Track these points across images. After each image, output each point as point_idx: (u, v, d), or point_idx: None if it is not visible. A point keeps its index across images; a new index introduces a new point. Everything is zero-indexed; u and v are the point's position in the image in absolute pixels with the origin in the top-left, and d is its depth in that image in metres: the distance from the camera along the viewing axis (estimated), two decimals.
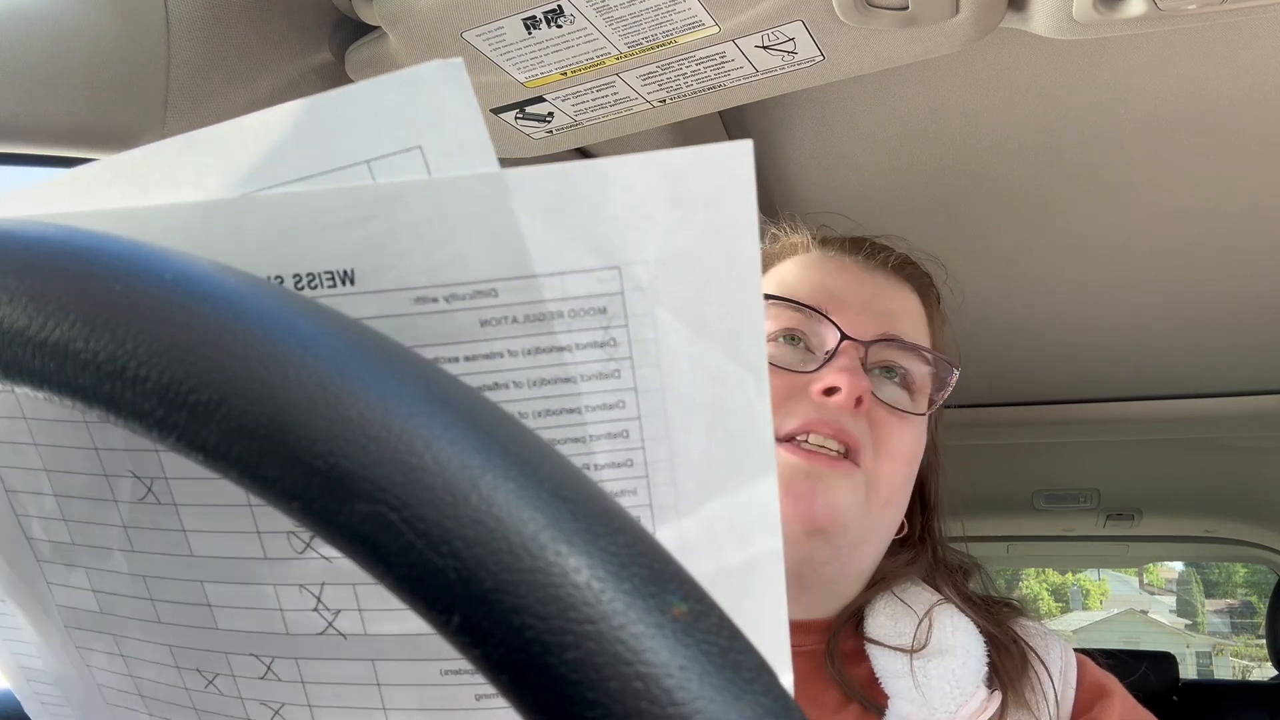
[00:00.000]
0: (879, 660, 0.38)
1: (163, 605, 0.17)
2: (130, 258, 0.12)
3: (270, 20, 0.40)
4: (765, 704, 0.10)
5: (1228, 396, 0.97)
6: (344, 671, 0.17)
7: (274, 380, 0.11)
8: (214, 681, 0.18)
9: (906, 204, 0.66)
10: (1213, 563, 8.00)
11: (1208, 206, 0.64)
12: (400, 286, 0.14)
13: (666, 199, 0.14)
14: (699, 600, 0.10)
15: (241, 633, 0.17)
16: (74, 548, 0.18)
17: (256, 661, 0.17)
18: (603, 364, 0.15)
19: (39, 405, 0.16)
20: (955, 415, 1.18)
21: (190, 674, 0.18)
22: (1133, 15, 0.37)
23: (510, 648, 0.10)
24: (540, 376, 0.15)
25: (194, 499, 0.16)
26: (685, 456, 0.15)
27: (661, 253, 0.14)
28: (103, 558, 0.17)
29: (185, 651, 0.18)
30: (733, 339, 0.14)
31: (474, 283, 0.14)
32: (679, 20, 0.40)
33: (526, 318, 0.14)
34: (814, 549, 0.38)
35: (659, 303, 0.14)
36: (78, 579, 0.18)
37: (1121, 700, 0.39)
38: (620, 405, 0.15)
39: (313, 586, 0.16)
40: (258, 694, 0.17)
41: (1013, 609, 0.42)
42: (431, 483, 0.10)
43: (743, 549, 0.15)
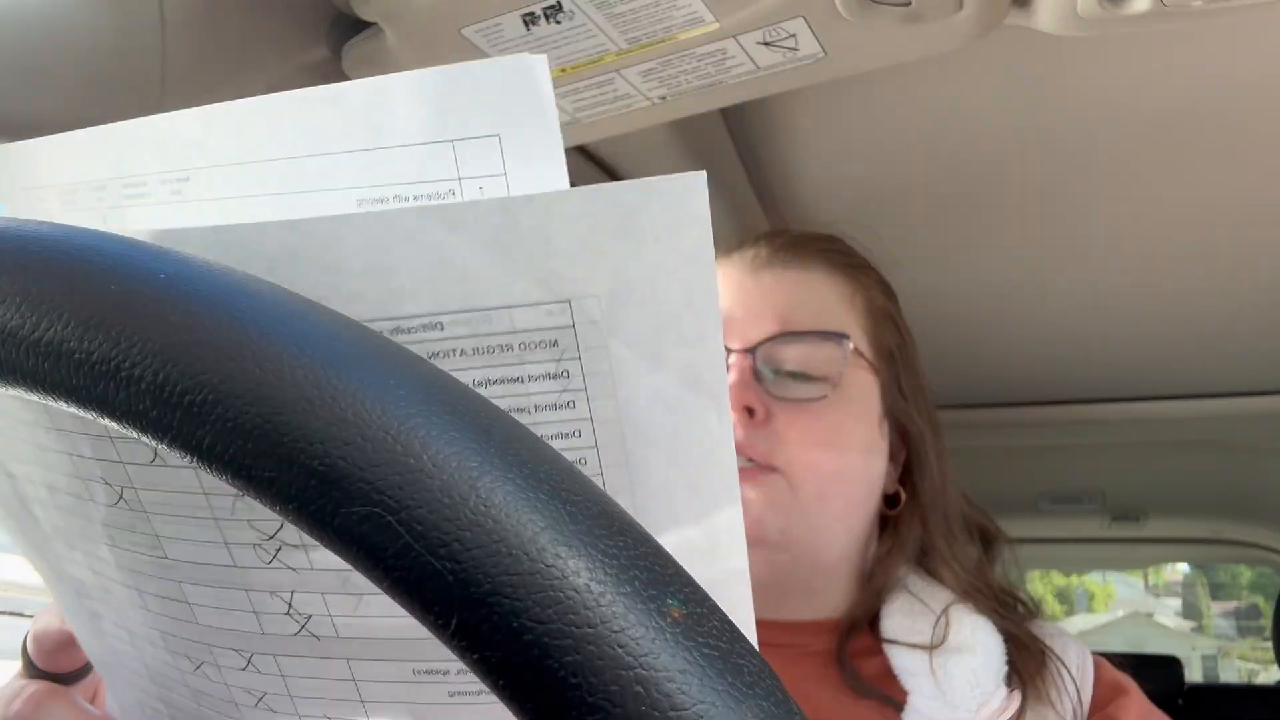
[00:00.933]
0: (896, 658, 0.38)
1: (148, 597, 0.17)
2: (125, 257, 0.12)
3: (266, 16, 0.40)
4: (766, 708, 0.10)
5: (1234, 396, 0.96)
6: (321, 668, 0.17)
7: (269, 380, 0.11)
8: (200, 668, 0.18)
9: (909, 202, 0.66)
10: (1219, 565, 7.97)
11: (1215, 205, 0.64)
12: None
13: (616, 232, 0.13)
14: (700, 603, 0.10)
15: (220, 629, 0.17)
16: (69, 532, 0.18)
17: (237, 655, 0.17)
18: (557, 395, 0.15)
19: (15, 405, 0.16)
20: (958, 416, 1.16)
21: (180, 658, 0.18)
22: (1137, 12, 0.37)
23: (509, 651, 0.10)
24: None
25: (162, 508, 0.16)
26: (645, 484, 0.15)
27: (613, 286, 0.14)
28: (93, 546, 0.18)
29: (173, 638, 0.18)
30: (691, 370, 0.14)
31: (420, 315, 0.14)
32: (679, 16, 0.40)
33: (475, 350, 0.14)
34: (770, 558, 0.38)
35: (612, 336, 0.14)
36: (78, 557, 0.18)
37: (1138, 699, 0.38)
38: (576, 434, 0.15)
39: (283, 593, 0.16)
40: (241, 683, 0.18)
41: (1029, 611, 0.41)
42: (429, 484, 0.10)
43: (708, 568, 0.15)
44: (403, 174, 0.15)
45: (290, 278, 0.14)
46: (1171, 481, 1.37)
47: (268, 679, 0.17)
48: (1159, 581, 12.10)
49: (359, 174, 0.15)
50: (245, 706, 0.18)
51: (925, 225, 0.69)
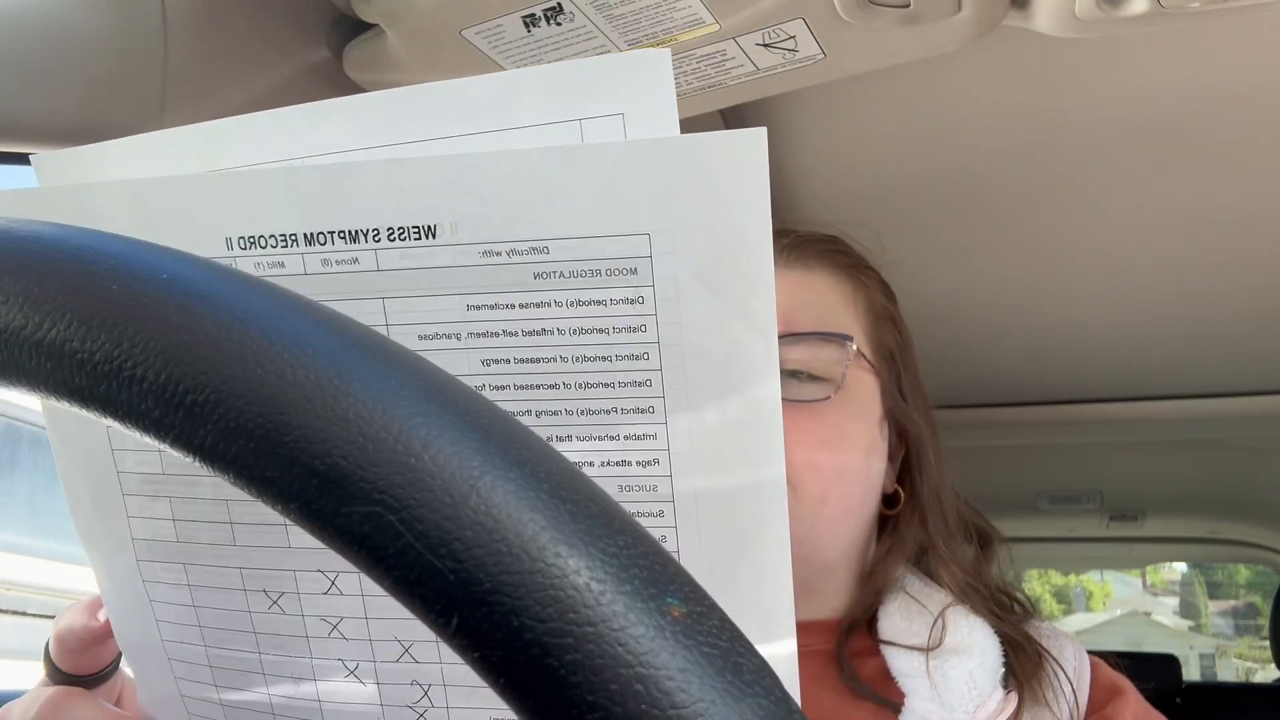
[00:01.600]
0: (894, 660, 0.38)
1: (240, 528, 0.19)
2: (127, 257, 0.12)
3: (267, 17, 0.41)
4: (766, 706, 0.10)
5: (1233, 396, 0.97)
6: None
7: (271, 380, 0.11)
8: (278, 601, 0.19)
9: (908, 202, 0.66)
10: (1216, 564, 7.98)
11: (1213, 205, 0.64)
12: (472, 240, 0.17)
13: (690, 177, 0.16)
14: (700, 602, 0.10)
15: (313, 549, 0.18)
16: (164, 478, 0.19)
17: (323, 577, 0.19)
18: (631, 318, 0.17)
19: None
20: (958, 416, 1.16)
21: (256, 596, 0.19)
22: (1136, 13, 0.37)
23: (509, 650, 0.10)
24: (580, 326, 0.17)
25: None
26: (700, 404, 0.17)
27: (685, 223, 0.16)
28: (189, 486, 0.19)
29: (255, 573, 0.19)
30: (746, 304, 0.16)
31: (531, 240, 0.16)
32: (679, 18, 0.40)
33: (572, 273, 0.17)
34: None
35: (682, 267, 0.16)
36: (160, 509, 0.19)
37: (1135, 700, 0.39)
38: (645, 356, 0.17)
39: None
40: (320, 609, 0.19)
41: (1026, 611, 0.41)
42: (430, 484, 0.10)
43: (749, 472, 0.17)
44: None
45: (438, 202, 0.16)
46: (1169, 481, 1.37)
47: (348, 601, 0.19)
48: (1157, 581, 12.11)
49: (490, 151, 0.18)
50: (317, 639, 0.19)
51: (924, 225, 0.69)
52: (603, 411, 0.17)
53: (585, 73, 0.17)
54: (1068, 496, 1.40)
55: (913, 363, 0.45)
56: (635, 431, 0.17)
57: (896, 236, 0.49)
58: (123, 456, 0.19)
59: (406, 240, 0.17)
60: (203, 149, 0.19)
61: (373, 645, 0.19)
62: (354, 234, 0.17)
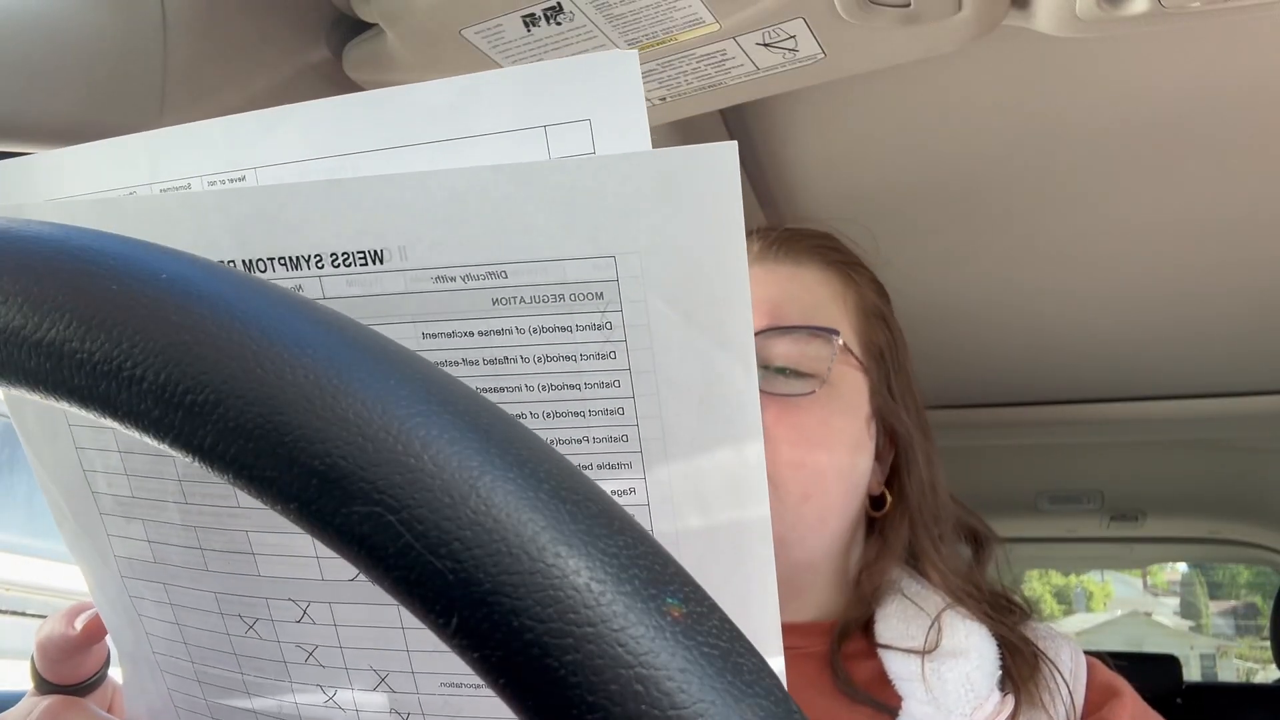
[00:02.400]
0: (891, 663, 0.38)
1: (210, 554, 0.18)
2: (126, 257, 0.12)
3: (267, 17, 0.40)
4: (766, 706, 0.10)
5: (1233, 396, 0.96)
6: (373, 615, 0.18)
7: (271, 380, 0.11)
8: (254, 626, 0.19)
9: (908, 202, 0.66)
10: (1217, 564, 7.97)
11: (1213, 205, 0.64)
12: (423, 265, 0.16)
13: (657, 195, 0.15)
14: (700, 602, 0.10)
15: (281, 579, 0.18)
16: (134, 501, 0.19)
17: (294, 606, 0.18)
18: (600, 345, 0.16)
19: None
20: (957, 416, 1.16)
21: (233, 620, 0.19)
22: (1136, 13, 0.37)
23: (509, 650, 0.10)
24: (545, 353, 0.16)
25: None
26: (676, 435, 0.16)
27: (653, 244, 0.15)
28: (159, 510, 0.18)
29: (229, 598, 0.19)
30: (721, 328, 0.15)
31: (487, 264, 0.15)
32: (679, 17, 0.40)
33: (533, 298, 0.16)
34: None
35: (651, 290, 0.15)
36: (135, 530, 0.19)
37: (1132, 701, 0.38)
38: (616, 384, 0.16)
39: None
40: (294, 637, 0.19)
41: (1023, 612, 0.41)
42: (430, 484, 0.10)
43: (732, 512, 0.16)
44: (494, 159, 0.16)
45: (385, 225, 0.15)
46: (1170, 481, 1.37)
47: (321, 630, 0.18)
48: (1157, 581, 12.10)
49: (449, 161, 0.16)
50: (294, 664, 0.19)
51: (924, 225, 0.69)
52: (574, 441, 0.16)
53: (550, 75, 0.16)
54: (1068, 496, 1.40)
55: (905, 363, 0.44)
56: (609, 461, 0.16)
57: (897, 236, 0.49)
58: (94, 478, 0.19)
59: (352, 266, 0.16)
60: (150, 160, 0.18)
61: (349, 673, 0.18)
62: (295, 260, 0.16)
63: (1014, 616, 0.41)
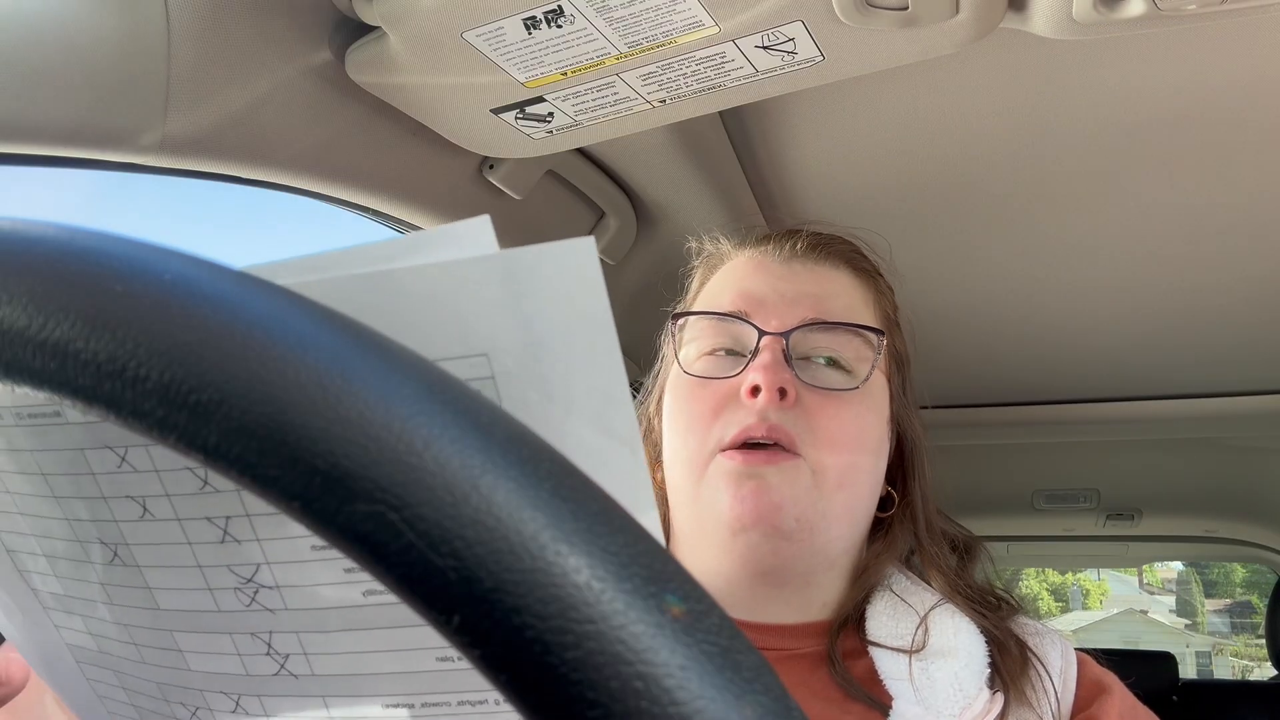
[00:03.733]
0: (881, 661, 0.38)
1: (144, 649, 0.19)
2: (131, 259, 0.12)
3: (270, 20, 0.40)
4: (765, 704, 0.10)
5: (1228, 396, 0.97)
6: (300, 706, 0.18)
7: (274, 380, 0.11)
8: (196, 714, 0.19)
9: (907, 203, 0.66)
10: (1212, 563, 7.99)
11: (1208, 206, 0.64)
12: None
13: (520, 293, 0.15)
14: (699, 600, 0.10)
15: (210, 674, 0.18)
16: (68, 598, 0.19)
17: (226, 698, 0.18)
18: None
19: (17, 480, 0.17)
20: (955, 415, 1.16)
21: (177, 705, 0.19)
22: (1132, 15, 0.37)
23: (510, 647, 0.10)
24: None
25: (153, 561, 0.17)
26: None
27: (525, 340, 0.15)
28: (91, 608, 0.19)
29: (169, 687, 0.19)
30: (603, 418, 0.15)
31: None
32: (679, 20, 0.40)
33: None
34: (776, 547, 0.38)
35: (529, 386, 0.15)
36: (76, 623, 0.19)
37: (1120, 697, 0.39)
38: None
39: (262, 634, 0.17)
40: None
41: (1011, 608, 0.42)
42: (431, 483, 0.10)
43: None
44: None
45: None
46: (1166, 480, 1.38)
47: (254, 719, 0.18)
48: (1153, 579, 12.13)
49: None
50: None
51: (922, 226, 0.69)
52: None
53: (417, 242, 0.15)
54: (1065, 495, 1.41)
55: (911, 372, 0.46)
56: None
57: (895, 237, 0.49)
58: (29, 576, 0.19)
59: None
60: None
61: None
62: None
63: (1002, 612, 0.41)
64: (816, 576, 0.41)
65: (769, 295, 0.41)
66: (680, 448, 0.40)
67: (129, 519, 0.17)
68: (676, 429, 0.41)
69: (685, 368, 0.41)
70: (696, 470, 0.39)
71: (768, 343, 0.39)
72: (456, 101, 0.46)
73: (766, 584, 0.40)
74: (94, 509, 0.17)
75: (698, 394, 0.40)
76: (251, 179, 0.46)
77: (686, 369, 0.41)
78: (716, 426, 0.39)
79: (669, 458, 0.42)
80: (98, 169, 0.39)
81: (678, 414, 0.41)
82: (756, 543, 0.38)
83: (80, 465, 0.16)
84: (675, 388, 0.42)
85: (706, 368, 0.41)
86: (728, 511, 0.38)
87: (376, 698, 0.17)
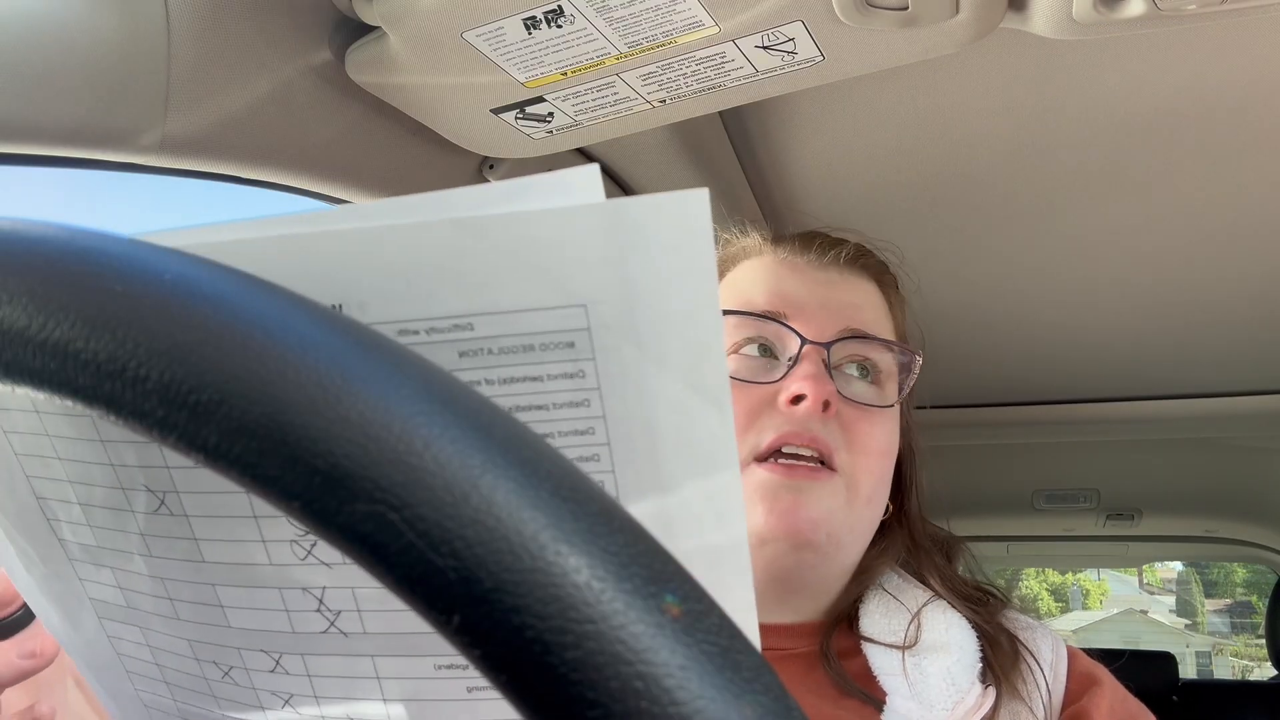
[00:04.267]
0: (875, 658, 0.38)
1: (180, 604, 0.18)
2: (131, 258, 0.12)
3: (270, 19, 0.40)
4: (765, 703, 0.10)
5: (1228, 396, 0.97)
6: (346, 666, 0.18)
7: (274, 380, 0.11)
8: (229, 673, 0.19)
9: (906, 203, 0.66)
10: (1212, 563, 7.99)
11: (1208, 206, 0.64)
12: (384, 319, 0.15)
13: (627, 243, 0.15)
14: (699, 600, 0.10)
15: (251, 630, 0.18)
16: (99, 549, 0.18)
17: (266, 657, 0.18)
18: (572, 393, 0.15)
19: (60, 422, 0.17)
20: (955, 415, 1.16)
21: (208, 665, 0.19)
22: (1132, 15, 0.37)
23: (510, 647, 0.10)
24: (515, 404, 0.16)
25: (203, 511, 0.17)
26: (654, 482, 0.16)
27: (625, 293, 0.15)
28: (125, 560, 0.18)
29: (202, 645, 0.18)
30: (695, 373, 0.15)
31: (451, 317, 0.15)
32: (679, 20, 0.40)
33: (501, 350, 0.15)
34: (800, 558, 0.38)
35: (624, 339, 0.15)
36: (105, 576, 0.19)
37: (1111, 689, 0.39)
38: (590, 432, 0.16)
39: (315, 590, 0.17)
40: (269, 685, 0.18)
41: (1000, 602, 0.42)
42: (431, 482, 0.10)
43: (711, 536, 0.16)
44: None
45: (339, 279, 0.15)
46: (1166, 480, 1.38)
47: (295, 680, 0.18)
48: (1153, 579, 12.13)
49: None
50: (272, 711, 0.19)
51: (922, 226, 0.69)
52: None
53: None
54: (1065, 495, 1.41)
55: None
56: None
57: (894, 237, 0.49)
58: (58, 526, 0.18)
59: None
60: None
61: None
62: None
63: (992, 606, 0.41)
64: (828, 584, 0.41)
65: (808, 301, 0.41)
66: None
67: (183, 464, 0.16)
68: None
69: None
70: None
71: (809, 352, 0.39)
72: (456, 101, 0.46)
73: (777, 589, 0.40)
74: (144, 454, 0.16)
75: (736, 396, 0.39)
76: (251, 179, 0.46)
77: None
78: (751, 433, 0.38)
79: None
80: (98, 169, 0.39)
81: None
82: (782, 553, 0.38)
83: None
84: None
85: (739, 368, 0.40)
86: (760, 522, 0.37)
87: (430, 656, 0.17)
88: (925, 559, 0.43)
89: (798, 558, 0.38)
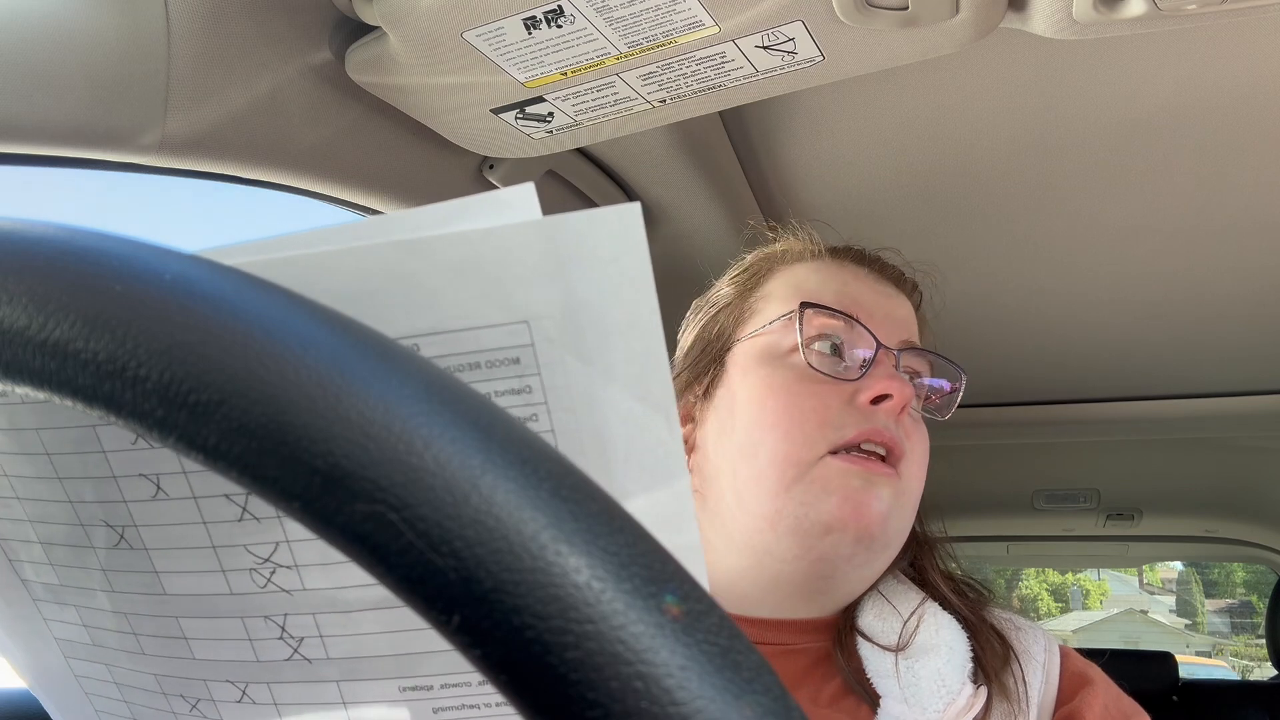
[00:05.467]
0: (869, 660, 0.39)
1: (145, 639, 0.18)
2: (131, 259, 0.12)
3: (270, 19, 0.40)
4: (765, 703, 0.10)
5: (1228, 396, 0.97)
6: (312, 693, 0.18)
7: (274, 380, 0.11)
8: (196, 706, 0.19)
9: (906, 203, 0.66)
10: (1212, 563, 8.00)
11: (1207, 206, 0.64)
12: None
13: (566, 259, 0.15)
14: (699, 600, 0.10)
15: (216, 661, 0.18)
16: (62, 588, 0.18)
17: (232, 687, 0.18)
18: (520, 409, 0.16)
19: (17, 462, 0.17)
20: (955, 415, 1.17)
21: (175, 699, 0.19)
22: (1132, 15, 0.37)
23: (510, 647, 0.10)
24: None
25: (162, 543, 0.17)
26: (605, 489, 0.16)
27: (566, 307, 0.15)
28: (88, 597, 0.18)
29: (169, 679, 0.18)
30: (640, 383, 0.15)
31: (399, 339, 0.15)
32: (679, 20, 0.40)
33: (449, 368, 0.15)
34: (854, 553, 0.39)
35: (568, 352, 0.15)
36: (69, 615, 0.19)
37: (1104, 688, 0.39)
38: None
39: (277, 617, 0.17)
40: (236, 716, 0.18)
41: (981, 596, 0.42)
42: (431, 483, 0.10)
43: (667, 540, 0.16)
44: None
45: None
46: (1166, 480, 1.38)
47: (262, 709, 0.18)
48: (1153, 579, 12.13)
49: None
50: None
51: (922, 226, 0.69)
52: None
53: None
54: (1065, 495, 1.41)
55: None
56: None
57: (894, 237, 0.49)
58: (20, 567, 0.18)
59: None
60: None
61: None
62: None
63: (979, 601, 0.42)
64: (860, 584, 0.42)
65: (876, 308, 0.42)
66: (780, 442, 0.38)
67: (140, 499, 0.16)
68: (775, 424, 0.39)
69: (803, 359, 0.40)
70: (797, 468, 0.38)
71: (885, 355, 0.40)
72: (456, 101, 0.46)
73: (814, 583, 0.40)
74: (101, 489, 0.16)
75: (812, 389, 0.39)
76: (251, 179, 0.46)
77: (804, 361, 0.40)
78: (828, 428, 0.38)
79: (747, 450, 0.39)
80: (98, 169, 0.39)
81: (780, 409, 0.39)
82: (841, 544, 0.38)
83: (90, 443, 0.16)
84: (774, 380, 0.40)
85: (816, 363, 0.40)
86: (833, 511, 0.37)
87: (395, 679, 0.17)
88: (927, 558, 0.43)
89: (853, 551, 0.38)
